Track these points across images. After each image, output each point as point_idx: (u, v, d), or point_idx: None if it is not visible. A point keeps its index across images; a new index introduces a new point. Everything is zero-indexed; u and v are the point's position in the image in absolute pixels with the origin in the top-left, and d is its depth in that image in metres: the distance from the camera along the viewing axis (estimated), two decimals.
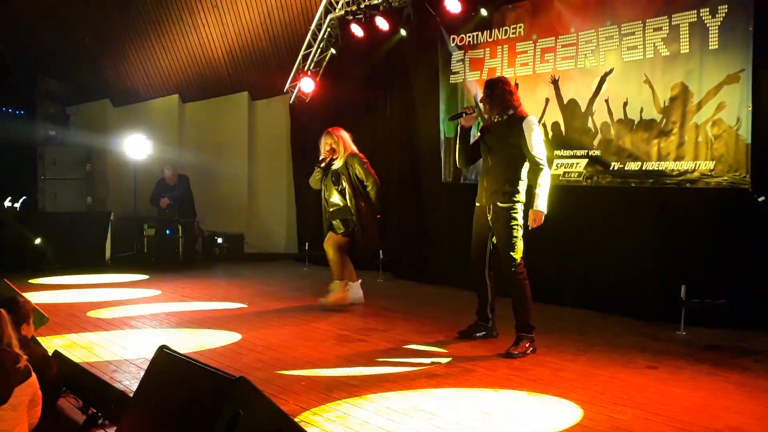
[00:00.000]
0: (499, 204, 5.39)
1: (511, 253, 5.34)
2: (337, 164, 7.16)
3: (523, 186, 5.43)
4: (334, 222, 7.22)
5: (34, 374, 3.24)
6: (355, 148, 7.23)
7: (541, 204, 5.27)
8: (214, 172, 12.24)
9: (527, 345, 5.24)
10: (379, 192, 7.14)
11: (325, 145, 7.21)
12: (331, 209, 7.22)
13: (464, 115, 5.75)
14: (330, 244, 7.23)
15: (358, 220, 7.04)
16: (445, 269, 8.65)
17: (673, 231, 6.58)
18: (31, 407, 3.26)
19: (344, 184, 7.10)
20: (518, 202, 5.41)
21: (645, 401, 4.08)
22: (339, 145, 7.15)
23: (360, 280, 7.37)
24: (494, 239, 5.55)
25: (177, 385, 3.05)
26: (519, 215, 5.40)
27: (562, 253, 7.39)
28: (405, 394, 4.25)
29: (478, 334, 5.77)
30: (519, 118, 5.40)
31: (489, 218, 5.49)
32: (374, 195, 7.11)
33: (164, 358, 3.26)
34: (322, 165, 7.20)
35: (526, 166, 5.42)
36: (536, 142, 5.35)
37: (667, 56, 6.62)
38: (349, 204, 7.07)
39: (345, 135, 7.23)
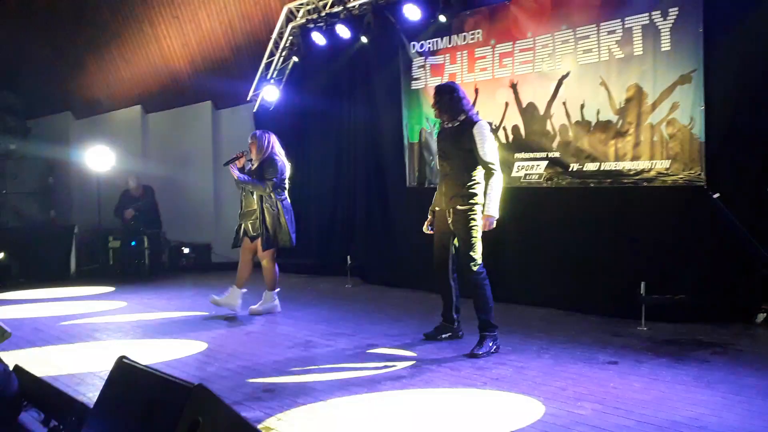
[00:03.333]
0: (459, 207, 5.49)
1: (471, 254, 5.42)
2: (252, 166, 7.25)
3: (480, 188, 5.54)
4: (244, 223, 7.24)
5: None
6: (276, 152, 7.23)
7: (492, 209, 5.40)
8: (180, 183, 12.18)
9: (491, 344, 5.32)
10: (256, 188, 7.07)
11: (250, 146, 7.31)
12: (245, 210, 7.26)
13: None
14: (250, 252, 7.29)
15: (262, 223, 7.10)
16: (412, 273, 8.71)
17: (632, 229, 6.71)
18: None
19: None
20: (476, 204, 5.50)
21: (605, 396, 4.16)
22: (253, 147, 7.22)
23: (244, 290, 7.34)
24: (456, 242, 5.63)
25: (136, 394, 3.05)
26: (478, 217, 5.49)
27: (525, 253, 7.49)
28: (369, 397, 4.28)
29: (443, 336, 5.84)
30: (470, 123, 5.50)
31: (449, 222, 5.57)
32: (256, 187, 7.07)
33: (124, 368, 3.26)
34: (225, 164, 7.31)
35: (481, 168, 5.52)
36: (488, 148, 5.46)
37: (622, 58, 6.76)
38: (256, 207, 7.13)
39: (268, 139, 7.24)
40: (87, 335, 6.46)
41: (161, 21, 11.17)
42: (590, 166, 7.03)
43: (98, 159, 11.08)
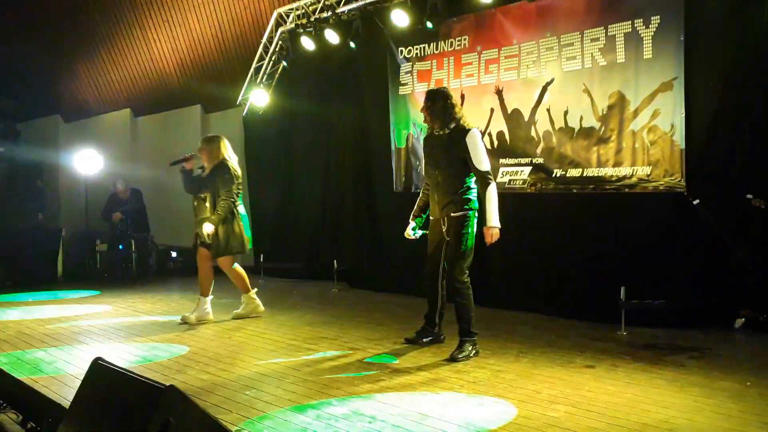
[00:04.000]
0: (453, 214, 5.47)
1: (460, 262, 5.43)
2: (203, 172, 7.14)
3: (473, 194, 5.52)
4: (199, 231, 7.06)
5: None
6: (229, 157, 7.13)
7: (494, 220, 5.38)
8: (168, 186, 12.12)
9: (470, 348, 5.37)
10: (223, 208, 6.92)
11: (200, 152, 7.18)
12: (198, 218, 7.12)
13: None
14: (207, 260, 7.13)
15: (215, 232, 6.93)
16: (398, 277, 8.75)
17: (614, 234, 6.77)
18: None
19: (207, 194, 7.03)
20: (471, 209, 5.49)
21: (579, 398, 4.21)
22: (205, 153, 7.09)
23: (211, 297, 7.22)
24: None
25: (110, 395, 3.09)
26: (471, 224, 5.48)
27: (509, 259, 7.53)
28: (347, 400, 4.32)
29: (425, 339, 5.86)
30: (462, 131, 5.47)
31: (444, 230, 5.55)
32: (219, 207, 6.92)
33: (99, 369, 3.30)
34: (172, 164, 7.26)
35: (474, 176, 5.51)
36: (482, 156, 5.43)
37: (605, 66, 6.83)
38: (209, 215, 6.99)
39: (220, 143, 7.11)
40: (71, 338, 6.47)
41: (151, 24, 11.20)
42: (573, 172, 7.10)
43: (87, 162, 11.10)
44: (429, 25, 8.32)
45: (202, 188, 7.10)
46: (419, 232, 5.91)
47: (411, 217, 5.96)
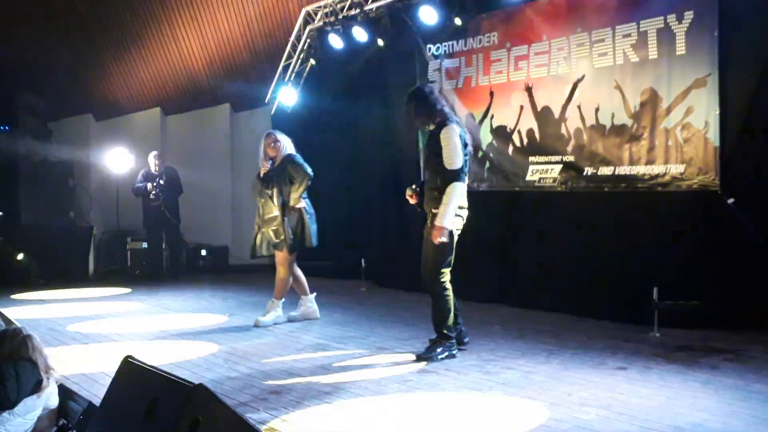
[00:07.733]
0: (434, 210, 5.27)
1: (437, 260, 5.22)
2: (275, 163, 6.85)
3: None
4: (265, 231, 6.86)
5: None
6: (293, 150, 6.94)
7: (443, 219, 5.08)
8: (198, 185, 12.25)
9: (439, 350, 5.23)
10: (302, 187, 6.75)
11: (266, 147, 6.85)
12: (266, 217, 6.85)
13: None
14: (279, 263, 6.95)
15: (284, 227, 6.76)
16: None
17: (646, 234, 6.66)
18: None
19: (274, 189, 6.79)
20: None
21: (611, 401, 4.14)
22: (277, 144, 6.83)
23: (314, 294, 7.21)
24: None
25: (140, 393, 3.10)
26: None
27: (539, 258, 7.46)
28: (375, 399, 4.30)
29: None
30: (439, 126, 5.30)
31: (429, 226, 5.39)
32: (296, 189, 6.73)
33: (129, 367, 3.32)
34: (261, 174, 6.81)
35: None
36: (452, 153, 5.15)
37: (637, 62, 6.72)
38: (278, 213, 6.78)
39: (284, 137, 6.97)
40: (101, 336, 6.54)
41: (180, 23, 11.28)
42: (605, 171, 6.99)
43: (118, 161, 11.21)
44: (458, 21, 8.26)
45: (268, 184, 6.81)
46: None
47: None
